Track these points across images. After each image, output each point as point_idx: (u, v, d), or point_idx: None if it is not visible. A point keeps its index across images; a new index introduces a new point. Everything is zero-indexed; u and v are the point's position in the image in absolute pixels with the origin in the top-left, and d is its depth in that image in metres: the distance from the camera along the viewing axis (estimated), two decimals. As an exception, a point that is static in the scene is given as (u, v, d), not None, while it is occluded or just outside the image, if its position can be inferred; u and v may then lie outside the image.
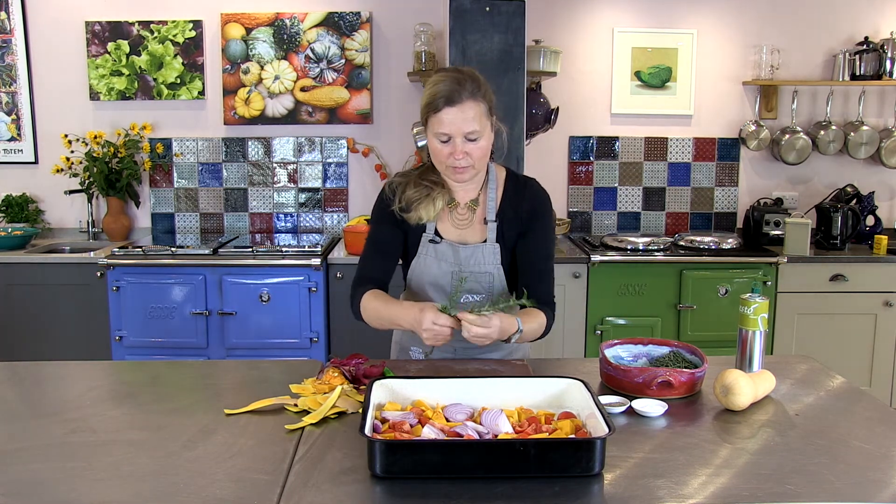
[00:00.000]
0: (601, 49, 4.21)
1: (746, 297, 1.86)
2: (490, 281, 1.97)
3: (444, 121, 1.80)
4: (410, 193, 1.95)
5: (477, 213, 1.99)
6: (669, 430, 1.59)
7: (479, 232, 1.98)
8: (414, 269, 2.01)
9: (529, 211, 1.98)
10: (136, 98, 4.15)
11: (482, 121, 1.83)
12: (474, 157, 1.85)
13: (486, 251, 1.96)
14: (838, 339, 3.80)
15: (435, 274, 1.97)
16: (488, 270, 1.96)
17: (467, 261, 1.96)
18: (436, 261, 1.97)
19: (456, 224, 1.99)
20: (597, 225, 4.34)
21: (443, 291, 1.98)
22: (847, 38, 4.22)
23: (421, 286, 2.00)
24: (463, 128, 1.81)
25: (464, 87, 1.80)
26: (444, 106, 1.79)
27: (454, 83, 1.80)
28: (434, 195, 1.94)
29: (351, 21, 4.10)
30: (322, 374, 1.82)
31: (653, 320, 3.73)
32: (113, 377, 2.00)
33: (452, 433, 1.45)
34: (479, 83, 1.84)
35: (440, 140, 1.84)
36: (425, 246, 1.98)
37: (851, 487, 1.33)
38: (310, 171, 4.25)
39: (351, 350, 2.01)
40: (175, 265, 3.57)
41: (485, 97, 1.84)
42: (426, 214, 1.94)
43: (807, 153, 4.19)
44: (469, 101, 1.80)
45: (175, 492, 1.31)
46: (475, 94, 1.81)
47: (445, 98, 1.79)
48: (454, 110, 1.79)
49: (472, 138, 1.82)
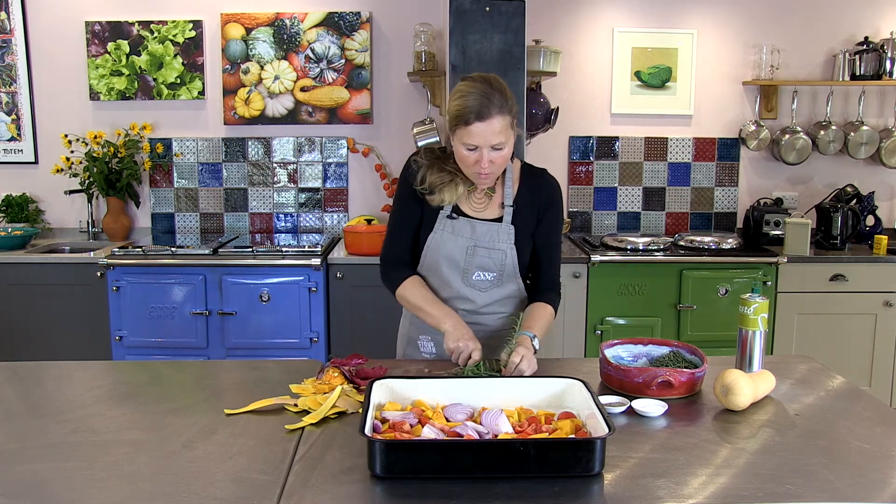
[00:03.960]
0: (601, 49, 4.21)
1: (746, 297, 1.86)
2: (502, 258, 2.05)
3: (474, 133, 1.86)
4: (434, 178, 2.02)
5: (493, 198, 2.08)
6: (669, 430, 1.59)
7: (496, 213, 2.07)
8: (430, 245, 2.07)
9: (545, 201, 2.08)
10: (136, 98, 4.15)
11: (507, 132, 1.90)
12: (497, 164, 1.93)
13: (502, 229, 2.05)
14: (838, 339, 3.80)
15: (450, 248, 2.05)
16: (502, 248, 2.04)
17: (483, 237, 2.04)
18: (452, 235, 2.05)
19: (473, 207, 2.08)
20: (597, 225, 4.34)
21: (457, 267, 2.05)
22: (847, 38, 4.22)
23: (435, 260, 2.07)
24: (490, 140, 1.87)
25: (493, 103, 1.85)
26: (475, 121, 1.85)
27: (484, 98, 1.85)
28: (457, 181, 2.02)
29: (351, 21, 4.10)
30: (322, 374, 1.82)
31: (653, 320, 3.73)
32: (113, 377, 2.00)
33: (452, 433, 1.45)
34: (506, 97, 1.89)
35: (467, 148, 1.90)
36: (442, 221, 2.06)
37: (851, 487, 1.33)
38: (310, 171, 4.25)
39: (351, 350, 2.02)
40: (175, 265, 3.57)
41: (511, 111, 1.90)
42: (449, 198, 2.03)
43: (807, 153, 4.19)
44: (497, 116, 1.86)
45: (175, 492, 1.31)
46: (503, 109, 1.87)
47: (476, 113, 1.84)
48: (483, 125, 1.85)
49: (499, 148, 1.90)
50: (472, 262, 2.04)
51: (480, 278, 2.06)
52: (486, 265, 2.05)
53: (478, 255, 2.04)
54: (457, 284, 2.06)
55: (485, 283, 2.06)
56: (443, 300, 2.07)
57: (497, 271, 2.06)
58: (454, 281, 2.06)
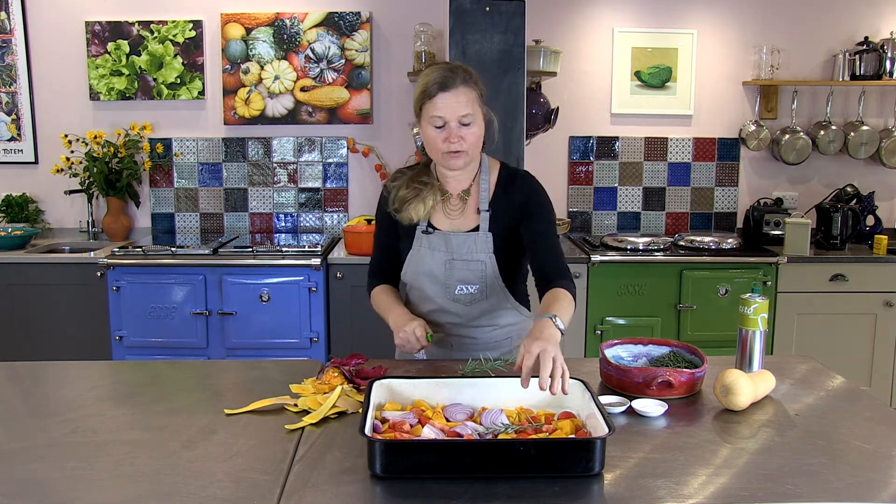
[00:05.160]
0: (601, 49, 4.21)
1: (746, 297, 1.86)
2: (482, 269, 2.00)
3: (439, 105, 1.86)
4: (403, 194, 2.02)
5: (468, 203, 2.03)
6: (669, 430, 1.59)
7: (472, 221, 2.02)
8: (409, 262, 2.05)
9: (522, 202, 2.00)
10: (136, 98, 4.15)
11: (474, 106, 1.90)
12: (468, 142, 1.90)
13: (479, 239, 1.99)
14: (838, 339, 3.80)
15: (429, 264, 2.02)
16: (480, 259, 2.00)
17: (459, 249, 2.00)
18: (429, 251, 2.02)
19: (448, 214, 2.04)
20: (597, 225, 4.34)
21: (438, 282, 2.02)
22: (847, 38, 4.22)
23: (416, 277, 2.05)
24: (457, 111, 1.87)
25: (456, 75, 1.88)
26: (439, 91, 1.86)
27: (446, 71, 1.89)
28: (424, 194, 2.01)
29: (351, 21, 4.10)
30: (322, 374, 1.82)
31: (653, 320, 3.73)
32: (113, 377, 2.00)
33: (452, 433, 1.45)
34: (469, 72, 1.92)
35: (435, 126, 1.89)
36: (419, 238, 2.04)
37: (851, 487, 1.33)
38: (310, 171, 4.25)
39: (351, 350, 2.01)
40: (175, 265, 3.57)
41: (476, 85, 1.91)
42: (416, 215, 2.01)
43: (807, 153, 4.19)
44: (462, 87, 1.87)
45: (175, 492, 1.31)
46: (467, 81, 1.89)
47: (439, 84, 1.86)
48: (448, 95, 1.86)
49: (466, 122, 1.88)
50: (451, 275, 2.00)
51: (463, 291, 2.01)
52: (466, 278, 2.00)
53: (456, 268, 1.99)
54: (440, 299, 2.03)
55: (468, 296, 2.01)
56: (428, 314, 2.06)
57: (479, 283, 2.00)
58: (438, 296, 2.03)
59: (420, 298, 2.08)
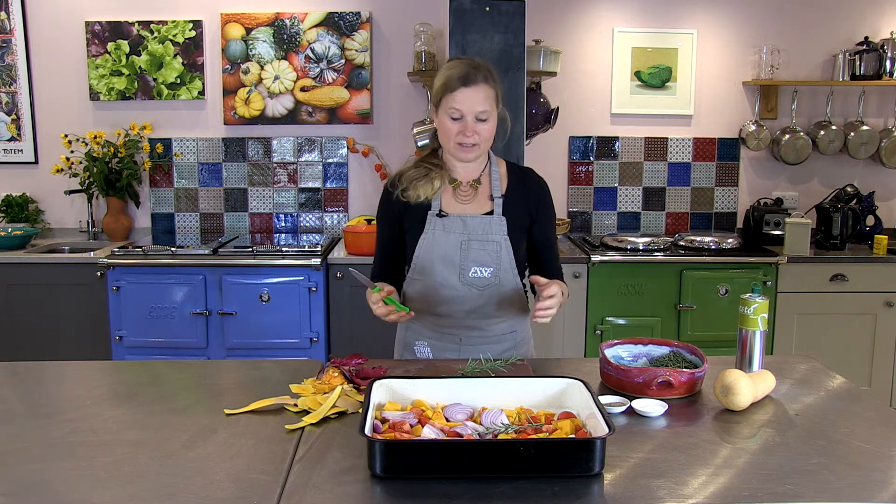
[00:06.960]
0: (601, 49, 4.21)
1: (746, 297, 1.86)
2: (497, 251, 2.05)
3: (459, 99, 1.94)
4: (410, 173, 2.07)
5: (480, 190, 2.09)
6: (669, 430, 1.59)
7: (485, 206, 2.08)
8: (421, 246, 2.07)
9: (535, 200, 2.11)
10: (136, 98, 4.15)
11: (491, 104, 1.98)
12: (482, 136, 1.98)
13: (494, 222, 2.06)
14: (838, 339, 3.80)
15: (444, 246, 2.05)
16: (496, 239, 2.05)
17: (475, 230, 2.05)
18: (444, 233, 2.05)
19: (459, 200, 2.09)
20: (597, 225, 4.34)
21: (452, 264, 2.04)
22: (847, 38, 4.22)
23: (430, 260, 2.06)
24: (475, 107, 1.95)
25: (479, 72, 1.97)
26: (460, 86, 1.94)
27: (469, 67, 1.97)
28: (433, 175, 2.06)
29: (351, 21, 4.10)
30: (322, 374, 1.82)
31: (653, 320, 3.73)
32: (113, 377, 2.00)
33: (452, 433, 1.45)
34: (491, 71, 2.01)
35: (452, 117, 1.97)
36: (432, 221, 2.06)
37: (851, 487, 1.33)
38: (310, 172, 4.25)
39: (351, 350, 2.02)
40: (175, 265, 3.57)
41: (496, 84, 2.00)
42: (424, 192, 2.05)
43: (807, 153, 4.19)
44: (483, 84, 1.96)
45: (175, 492, 1.31)
46: (488, 79, 1.98)
47: (462, 79, 1.95)
48: (469, 90, 1.94)
49: (483, 118, 1.96)
50: (467, 256, 2.04)
51: (477, 275, 2.05)
52: (481, 259, 2.04)
53: (472, 249, 2.04)
54: (454, 283, 2.05)
55: (482, 279, 2.04)
56: (438, 306, 2.07)
57: (493, 265, 2.05)
58: (451, 279, 2.05)
59: (430, 288, 2.08)
